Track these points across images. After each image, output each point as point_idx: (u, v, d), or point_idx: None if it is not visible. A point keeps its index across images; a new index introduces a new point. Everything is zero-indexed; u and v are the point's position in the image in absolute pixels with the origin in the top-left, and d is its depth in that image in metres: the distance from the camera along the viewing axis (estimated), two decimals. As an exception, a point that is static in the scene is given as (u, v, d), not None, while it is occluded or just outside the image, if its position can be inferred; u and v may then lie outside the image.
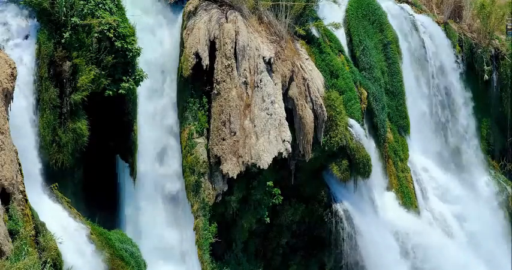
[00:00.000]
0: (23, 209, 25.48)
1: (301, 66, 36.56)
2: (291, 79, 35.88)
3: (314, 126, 36.40)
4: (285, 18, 36.37)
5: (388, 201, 41.33)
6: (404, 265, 39.94)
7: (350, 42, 42.31)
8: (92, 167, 31.44)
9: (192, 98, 34.36)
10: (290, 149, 34.44)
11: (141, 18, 33.25)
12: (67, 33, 28.65)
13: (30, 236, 25.36)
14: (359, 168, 38.29)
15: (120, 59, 30.66)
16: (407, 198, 42.12)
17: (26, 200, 25.93)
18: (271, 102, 34.15)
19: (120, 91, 30.74)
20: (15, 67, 25.83)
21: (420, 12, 48.08)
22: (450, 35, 48.12)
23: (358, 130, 38.50)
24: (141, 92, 32.68)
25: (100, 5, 30.15)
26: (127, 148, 32.42)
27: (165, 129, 35.02)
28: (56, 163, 29.05)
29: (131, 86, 31.13)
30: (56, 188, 29.00)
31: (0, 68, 25.33)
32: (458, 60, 48.12)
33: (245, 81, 33.89)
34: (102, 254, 28.96)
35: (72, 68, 28.96)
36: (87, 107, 29.83)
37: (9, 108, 25.80)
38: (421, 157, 44.89)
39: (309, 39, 38.81)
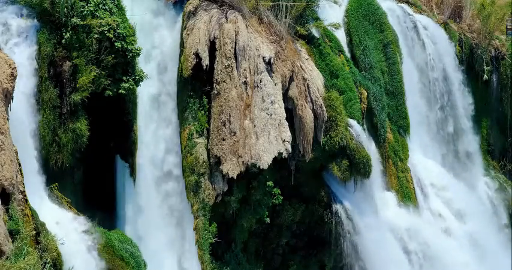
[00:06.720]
0: (23, 209, 25.49)
1: (301, 66, 36.56)
2: (291, 79, 35.87)
3: (314, 126, 36.40)
4: (285, 18, 36.35)
5: (388, 201, 41.31)
6: (404, 264, 39.92)
7: (350, 42, 42.30)
8: (92, 167, 31.46)
9: (192, 98, 34.35)
10: (290, 149, 34.41)
11: (141, 18, 33.30)
12: (67, 34, 28.68)
13: (31, 236, 25.36)
14: (359, 168, 38.27)
15: (120, 59, 30.68)
16: (408, 198, 42.10)
17: (26, 200, 25.94)
18: (271, 102, 34.14)
19: (120, 91, 30.76)
20: (15, 67, 25.85)
21: (420, 12, 48.02)
22: (450, 35, 48.09)
23: (358, 130, 38.48)
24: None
25: (100, 5, 30.18)
26: (127, 148, 32.45)
27: None
28: (56, 163, 29.08)
29: (131, 86, 31.14)
30: (56, 188, 29.02)
31: (0, 68, 25.35)
32: (458, 60, 48.09)
33: (245, 81, 33.86)
34: (102, 255, 29.00)
35: (72, 68, 29.00)
36: (87, 107, 29.85)
37: (9, 108, 25.83)
38: (421, 157, 44.86)
39: (309, 40, 38.81)
